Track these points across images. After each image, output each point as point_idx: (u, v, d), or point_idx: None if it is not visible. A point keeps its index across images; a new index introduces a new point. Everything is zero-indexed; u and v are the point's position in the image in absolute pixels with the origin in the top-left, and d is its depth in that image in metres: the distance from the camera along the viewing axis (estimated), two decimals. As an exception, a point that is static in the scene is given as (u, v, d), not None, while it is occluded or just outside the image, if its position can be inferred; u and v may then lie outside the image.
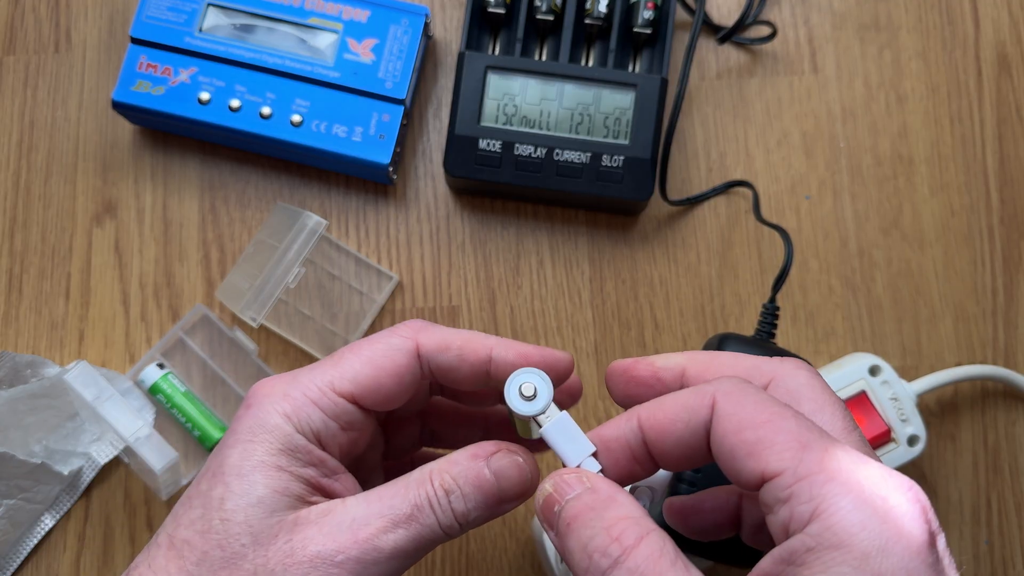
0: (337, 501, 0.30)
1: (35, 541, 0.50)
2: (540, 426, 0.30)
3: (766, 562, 0.25)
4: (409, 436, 0.38)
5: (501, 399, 0.36)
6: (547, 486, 0.29)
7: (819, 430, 0.26)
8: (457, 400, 0.38)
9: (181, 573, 0.29)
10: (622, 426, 0.29)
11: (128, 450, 0.48)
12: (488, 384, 0.33)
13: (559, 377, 0.33)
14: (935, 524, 0.24)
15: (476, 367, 0.32)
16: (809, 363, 0.31)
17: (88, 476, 0.50)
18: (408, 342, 0.32)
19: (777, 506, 0.25)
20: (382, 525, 0.29)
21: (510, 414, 0.32)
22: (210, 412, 0.51)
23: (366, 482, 0.34)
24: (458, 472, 0.30)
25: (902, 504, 0.24)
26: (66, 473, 0.49)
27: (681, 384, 0.30)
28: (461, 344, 0.32)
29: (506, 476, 0.31)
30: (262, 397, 0.31)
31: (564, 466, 0.30)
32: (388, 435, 0.38)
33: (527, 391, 0.30)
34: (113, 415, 0.46)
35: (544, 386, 0.30)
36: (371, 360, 0.32)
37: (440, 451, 0.38)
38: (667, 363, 0.31)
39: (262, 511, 0.29)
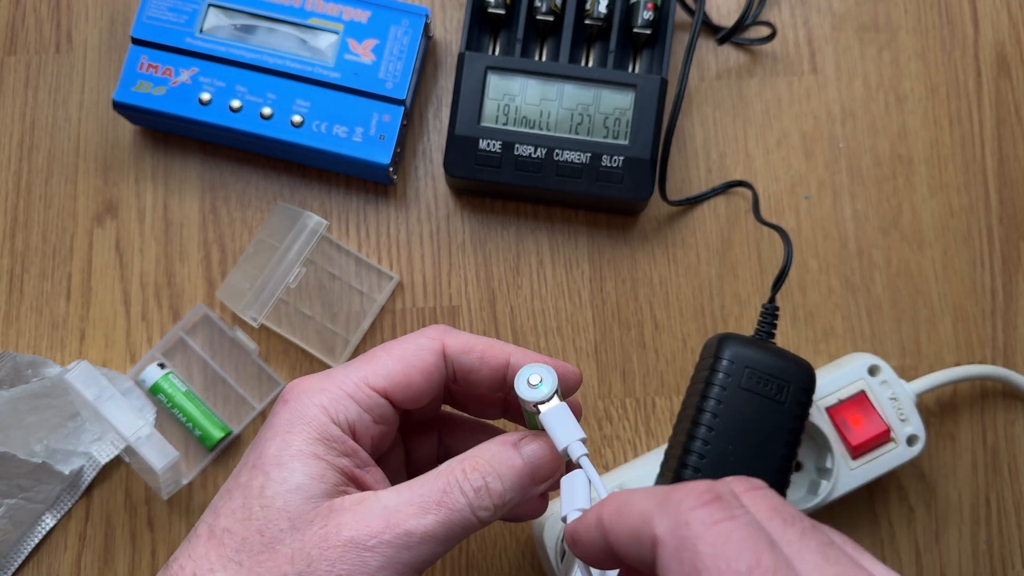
0: (370, 492, 0.32)
1: (36, 540, 0.50)
2: (539, 413, 0.32)
3: None
4: (429, 448, 0.40)
5: (507, 411, 0.40)
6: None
7: None
8: (465, 411, 0.40)
9: (222, 560, 0.30)
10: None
11: (129, 449, 0.48)
12: (503, 389, 0.36)
13: (566, 389, 0.36)
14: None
15: (495, 370, 0.35)
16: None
17: (89, 475, 0.50)
18: (435, 343, 0.35)
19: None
20: (413, 511, 0.31)
21: (525, 414, 0.35)
22: (211, 412, 0.51)
23: (391, 484, 0.35)
24: (491, 456, 0.32)
25: None
26: (67, 472, 0.49)
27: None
28: (483, 348, 0.35)
29: (538, 456, 0.33)
30: (299, 392, 0.33)
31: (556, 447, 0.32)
32: (409, 448, 0.40)
33: (534, 380, 0.33)
34: (114, 415, 0.46)
35: (549, 377, 0.33)
36: (402, 358, 0.34)
37: None
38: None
39: (300, 497, 0.31)
